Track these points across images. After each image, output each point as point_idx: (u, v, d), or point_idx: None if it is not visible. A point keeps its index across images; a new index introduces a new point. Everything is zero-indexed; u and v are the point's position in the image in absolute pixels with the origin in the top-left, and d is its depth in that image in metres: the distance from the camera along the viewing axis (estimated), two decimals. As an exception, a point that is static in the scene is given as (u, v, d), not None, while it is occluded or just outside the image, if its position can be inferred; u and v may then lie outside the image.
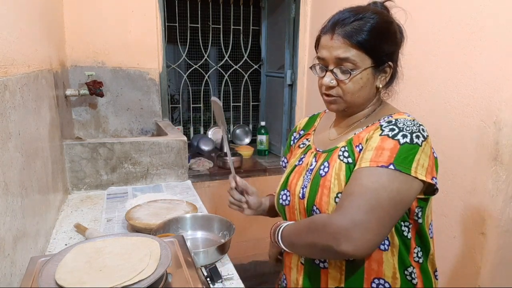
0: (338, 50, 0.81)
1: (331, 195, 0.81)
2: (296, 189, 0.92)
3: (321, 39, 0.87)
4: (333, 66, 0.83)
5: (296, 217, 0.93)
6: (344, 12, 0.85)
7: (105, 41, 2.05)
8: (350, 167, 0.81)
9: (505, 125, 1.20)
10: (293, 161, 1.00)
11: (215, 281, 0.93)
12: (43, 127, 1.18)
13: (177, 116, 2.94)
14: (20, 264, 0.83)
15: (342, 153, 0.85)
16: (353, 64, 0.81)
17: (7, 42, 0.87)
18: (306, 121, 1.10)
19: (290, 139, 1.12)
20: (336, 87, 0.85)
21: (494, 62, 1.22)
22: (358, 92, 0.84)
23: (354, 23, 0.81)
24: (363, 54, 0.81)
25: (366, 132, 0.85)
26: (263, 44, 2.90)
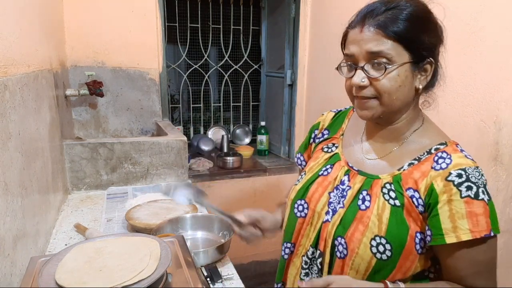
0: (370, 43, 0.71)
1: (368, 235, 0.74)
2: (318, 205, 0.83)
3: (348, 34, 0.76)
4: (364, 62, 0.73)
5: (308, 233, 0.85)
6: (374, 3, 0.75)
7: (105, 41, 2.05)
8: (397, 211, 0.73)
9: (505, 125, 1.20)
10: (314, 167, 0.90)
11: (215, 281, 0.93)
12: (43, 127, 1.18)
13: (177, 116, 2.94)
14: (20, 264, 0.83)
15: (388, 191, 0.75)
16: (387, 58, 0.70)
17: (7, 42, 0.87)
18: (331, 119, 0.98)
19: (310, 135, 1.00)
20: (368, 87, 0.73)
21: (494, 62, 1.22)
22: (395, 92, 0.72)
23: (387, 12, 0.71)
24: (400, 47, 0.71)
25: (419, 172, 0.74)
26: (263, 44, 2.90)
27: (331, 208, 0.81)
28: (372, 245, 0.73)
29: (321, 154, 0.91)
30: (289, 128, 2.66)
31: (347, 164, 0.85)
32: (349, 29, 0.77)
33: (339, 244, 0.77)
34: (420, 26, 0.72)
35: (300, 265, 0.87)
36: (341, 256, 0.77)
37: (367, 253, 0.74)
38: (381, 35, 0.71)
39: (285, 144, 2.71)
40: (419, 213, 0.73)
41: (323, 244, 0.81)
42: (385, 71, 0.71)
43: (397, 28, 0.70)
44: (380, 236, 0.73)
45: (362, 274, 0.76)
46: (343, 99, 1.80)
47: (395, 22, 0.70)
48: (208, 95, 2.94)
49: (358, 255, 0.75)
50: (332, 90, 2.18)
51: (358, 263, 0.75)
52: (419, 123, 0.81)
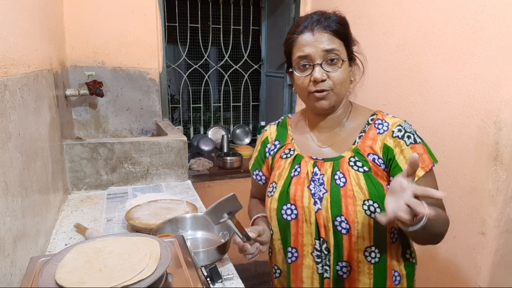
0: (323, 43, 0.86)
1: (357, 202, 0.85)
2: (304, 201, 0.91)
3: (298, 40, 0.90)
4: (321, 60, 0.87)
5: (306, 230, 0.91)
6: (312, 15, 0.90)
7: (105, 41, 2.05)
8: (368, 175, 0.87)
9: (505, 125, 1.20)
10: (283, 173, 0.97)
11: (215, 281, 0.93)
12: (43, 127, 1.18)
13: (177, 116, 2.94)
14: (20, 264, 0.83)
15: (354, 163, 0.89)
16: (337, 55, 0.87)
17: (7, 42, 0.87)
18: (275, 131, 1.07)
19: (264, 150, 1.07)
20: (326, 80, 0.88)
21: (494, 62, 1.22)
22: (344, 83, 0.90)
23: (327, 19, 0.88)
24: (342, 45, 0.88)
25: (370, 139, 0.90)
26: (263, 44, 2.90)
27: (316, 198, 0.90)
28: (365, 209, 0.85)
29: (282, 162, 1.00)
30: (289, 128, 2.66)
31: (311, 158, 0.95)
32: (296, 35, 0.90)
33: (340, 222, 0.87)
34: (348, 29, 0.92)
35: (313, 263, 0.92)
36: (345, 231, 0.87)
37: (365, 218, 0.85)
38: (331, 35, 0.87)
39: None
40: (383, 170, 0.89)
41: (324, 231, 0.89)
42: (339, 66, 0.87)
43: (340, 29, 0.88)
44: (367, 199, 0.85)
45: (367, 238, 0.87)
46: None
47: (336, 25, 0.88)
48: (208, 95, 2.94)
49: (359, 223, 0.86)
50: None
51: (361, 230, 0.86)
52: (349, 107, 0.98)
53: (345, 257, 0.89)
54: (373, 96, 1.84)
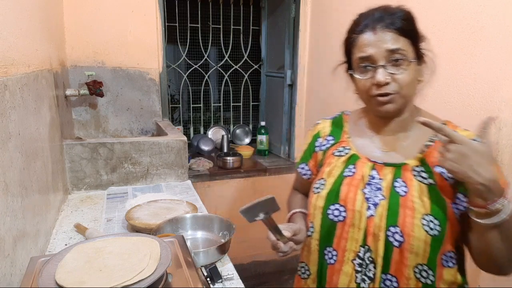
0: (387, 43, 0.79)
1: (417, 215, 0.79)
2: (356, 204, 0.85)
3: (358, 40, 0.82)
4: (384, 61, 0.79)
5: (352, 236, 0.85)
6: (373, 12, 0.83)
7: (105, 41, 2.05)
8: (433, 189, 0.80)
9: (505, 125, 1.20)
10: (334, 171, 0.92)
11: (215, 281, 0.92)
12: (43, 127, 1.18)
13: (177, 116, 2.94)
14: (20, 264, 0.83)
15: (418, 173, 0.82)
16: (403, 55, 0.79)
17: (7, 42, 0.87)
18: (330, 127, 1.01)
19: (313, 144, 1.02)
20: (390, 83, 0.80)
21: (494, 62, 1.23)
22: (411, 84, 0.81)
23: (390, 16, 0.80)
24: (409, 45, 0.80)
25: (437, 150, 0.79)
26: (263, 44, 2.90)
27: (371, 203, 0.84)
28: (423, 224, 0.78)
29: (335, 159, 0.93)
30: (289, 128, 2.66)
31: (369, 160, 0.89)
32: (356, 35, 0.83)
33: (393, 234, 0.80)
34: (415, 25, 0.83)
35: (352, 271, 0.86)
36: (398, 244, 0.80)
37: (421, 233, 0.78)
38: (394, 32, 0.79)
39: (285, 144, 2.71)
40: (449, 186, 0.80)
41: (372, 239, 0.82)
42: (404, 67, 0.79)
43: (406, 27, 0.79)
44: (427, 214, 0.78)
45: (421, 255, 0.79)
46: (343, 99, 1.80)
47: (402, 22, 0.79)
48: (208, 95, 2.94)
49: (415, 238, 0.78)
50: (332, 90, 2.18)
51: (416, 245, 0.78)
52: (417, 112, 0.89)
53: (392, 271, 0.82)
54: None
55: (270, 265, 2.69)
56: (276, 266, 2.71)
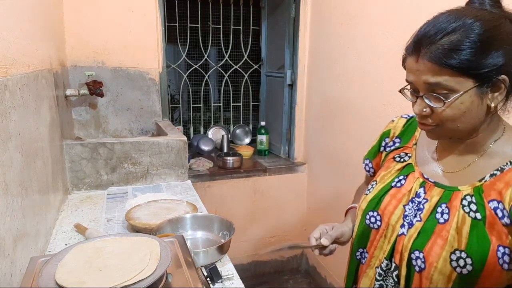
0: (426, 75, 0.68)
1: (447, 248, 0.71)
2: (392, 218, 0.81)
3: (407, 60, 0.73)
4: (424, 92, 0.70)
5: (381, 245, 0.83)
6: (434, 22, 0.69)
7: (105, 41, 2.05)
8: (478, 224, 0.69)
9: (505, 125, 1.20)
10: (386, 177, 0.88)
11: (215, 281, 0.93)
12: (43, 127, 1.18)
13: (177, 116, 2.94)
14: (20, 264, 0.83)
15: (468, 204, 0.72)
16: (447, 89, 0.67)
17: (7, 42, 0.87)
18: (402, 126, 0.94)
19: (380, 143, 0.98)
20: (431, 114, 0.71)
21: (494, 62, 1.22)
22: (459, 119, 0.69)
23: (444, 39, 0.66)
24: (460, 76, 0.65)
25: (503, 182, 0.70)
26: (263, 44, 2.90)
27: (407, 221, 0.79)
28: (452, 259, 0.70)
29: (393, 164, 0.89)
30: (289, 128, 2.66)
31: (422, 176, 0.82)
32: (407, 55, 0.73)
33: (416, 258, 0.75)
34: (485, 51, 0.65)
35: (374, 277, 0.85)
36: (419, 270, 0.75)
37: (446, 267, 0.71)
38: (436, 68, 0.66)
39: (285, 144, 2.71)
40: (504, 226, 0.68)
41: (399, 257, 0.79)
42: (445, 103, 0.68)
43: (455, 61, 0.64)
44: (460, 250, 0.69)
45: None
46: (343, 99, 1.81)
47: (453, 53, 0.64)
48: (208, 95, 2.94)
49: (437, 270, 0.72)
50: (332, 90, 2.18)
51: (437, 277, 0.72)
52: (500, 133, 0.75)
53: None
54: (372, 96, 1.84)
55: (270, 265, 2.69)
56: (276, 266, 2.71)
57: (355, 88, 1.97)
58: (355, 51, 1.94)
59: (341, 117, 2.13)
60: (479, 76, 0.65)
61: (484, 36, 0.64)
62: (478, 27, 0.65)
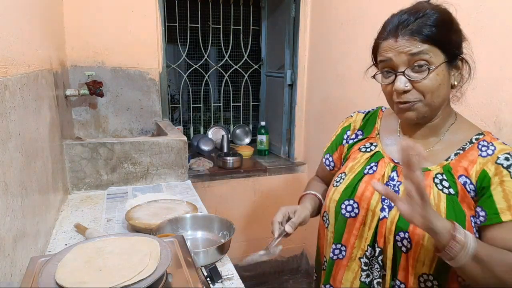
0: (410, 47, 0.75)
1: None
2: (371, 203, 0.85)
3: (381, 45, 0.80)
4: (405, 67, 0.77)
5: (362, 234, 0.86)
6: (401, 14, 0.79)
7: (105, 41, 2.05)
8: (452, 199, 0.77)
9: (505, 125, 1.20)
10: (356, 167, 0.92)
11: (215, 281, 0.93)
12: (43, 127, 1.18)
13: (177, 116, 2.94)
14: (20, 264, 0.83)
15: (440, 181, 0.79)
16: (426, 60, 0.75)
17: (7, 42, 0.87)
18: (361, 120, 1.01)
19: (342, 136, 1.03)
20: (411, 90, 0.77)
21: (494, 62, 1.22)
22: (437, 91, 0.77)
23: (417, 21, 0.76)
24: (435, 49, 0.75)
25: (467, 160, 0.78)
26: (263, 44, 2.90)
27: (386, 205, 0.82)
28: None
29: (360, 154, 0.93)
30: (289, 128, 2.66)
31: (392, 161, 0.87)
32: (381, 40, 0.80)
33: (402, 239, 0.79)
34: (449, 28, 0.77)
35: (358, 268, 0.87)
36: (406, 250, 0.79)
37: (431, 244, 0.75)
38: (417, 40, 0.75)
39: (285, 144, 2.71)
40: (471, 199, 0.77)
41: (383, 241, 0.82)
42: (428, 72, 0.75)
43: (430, 32, 0.74)
44: None
45: (428, 265, 0.78)
46: (343, 99, 1.82)
47: (427, 27, 0.75)
48: (208, 95, 2.94)
49: (424, 247, 0.76)
50: (332, 90, 2.18)
51: (424, 255, 0.77)
52: (453, 118, 0.86)
53: (399, 276, 0.81)
54: (372, 96, 1.84)
55: (270, 265, 2.69)
56: (276, 266, 2.71)
57: (355, 88, 1.96)
58: (355, 51, 1.94)
59: (341, 117, 2.12)
60: (449, 51, 0.77)
61: (446, 17, 0.78)
62: (439, 12, 0.77)
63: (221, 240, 1.13)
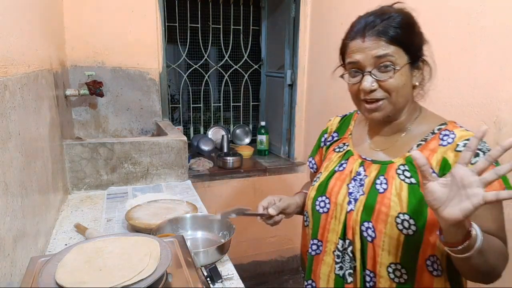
0: (375, 49, 0.79)
1: (392, 213, 0.80)
2: (339, 197, 0.89)
3: (349, 45, 0.84)
4: (371, 68, 0.80)
5: (333, 228, 0.89)
6: (367, 16, 0.82)
7: (105, 41, 2.05)
8: (414, 188, 0.80)
9: (505, 125, 1.20)
10: (329, 165, 0.97)
11: (215, 281, 0.93)
12: (43, 127, 1.18)
13: (177, 116, 2.94)
14: (20, 264, 0.83)
15: (402, 172, 0.82)
16: (392, 61, 0.79)
17: (7, 42, 0.87)
18: (338, 123, 1.07)
19: (320, 140, 1.09)
20: (377, 89, 0.81)
21: (494, 62, 1.22)
22: (401, 90, 0.81)
23: (383, 22, 0.79)
24: (400, 50, 0.79)
25: (428, 150, 0.81)
26: (263, 44, 2.90)
27: (352, 198, 0.87)
28: (397, 222, 0.79)
29: (334, 154, 0.99)
30: (289, 128, 2.66)
31: (360, 157, 0.92)
32: (348, 41, 0.84)
33: (367, 229, 0.83)
34: (411, 31, 0.82)
35: (332, 262, 0.90)
36: (371, 239, 0.82)
37: (394, 231, 0.79)
38: (383, 41, 0.79)
39: (285, 144, 2.71)
40: None
41: (351, 233, 0.85)
42: (393, 72, 0.79)
43: (396, 33, 0.79)
44: (403, 213, 0.78)
45: (394, 253, 0.80)
46: (343, 99, 1.81)
47: (392, 29, 0.79)
48: (208, 95, 2.94)
49: (387, 235, 0.80)
50: (332, 90, 2.18)
51: (388, 242, 0.80)
52: (418, 113, 0.90)
53: (369, 266, 0.84)
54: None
55: (270, 265, 2.69)
56: (276, 266, 2.71)
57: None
58: (355, 51, 1.93)
59: (341, 117, 2.13)
60: (412, 53, 0.81)
61: (410, 21, 0.82)
62: (403, 15, 0.81)
63: (221, 240, 1.13)
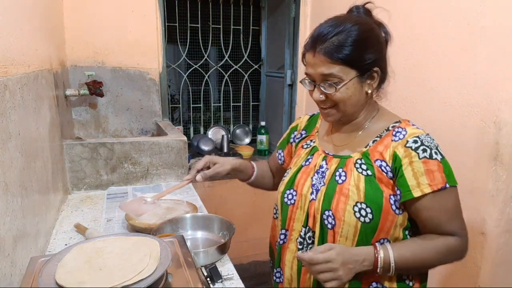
0: (321, 68, 0.85)
1: (350, 202, 0.87)
2: (304, 189, 0.96)
3: (306, 56, 0.90)
4: (319, 82, 0.88)
5: (298, 217, 0.96)
6: (324, 26, 0.87)
7: (105, 41, 2.05)
8: (370, 179, 0.88)
9: (505, 125, 1.20)
10: (298, 161, 1.04)
11: (215, 281, 0.93)
12: (43, 127, 1.18)
13: (177, 116, 2.94)
14: (20, 264, 0.83)
15: (360, 165, 0.90)
16: (337, 78, 0.85)
17: (7, 42, 0.87)
18: (307, 121, 1.13)
19: (290, 135, 1.15)
20: (326, 99, 0.90)
21: (494, 62, 1.22)
22: (348, 101, 0.89)
23: (333, 38, 0.84)
24: (346, 68, 0.85)
25: (382, 145, 0.90)
26: (263, 44, 2.90)
27: (315, 189, 0.94)
28: (355, 211, 0.86)
29: (302, 151, 1.06)
30: (289, 128, 2.66)
31: (324, 152, 1.00)
32: (306, 51, 0.90)
33: (327, 217, 0.90)
34: (363, 48, 0.85)
35: (296, 249, 0.97)
36: (331, 227, 0.89)
37: (352, 219, 0.86)
38: (329, 61, 0.84)
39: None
40: (389, 179, 0.87)
41: (312, 221, 0.93)
42: (336, 89, 0.86)
43: (342, 55, 0.83)
44: (361, 202, 0.86)
45: (351, 239, 0.88)
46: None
47: (340, 49, 0.83)
48: (208, 95, 2.94)
49: (345, 223, 0.87)
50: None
51: (346, 229, 0.87)
52: (375, 112, 0.97)
53: None
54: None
55: (270, 265, 2.68)
56: (276, 266, 2.70)
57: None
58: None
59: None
60: (360, 68, 0.86)
61: (362, 36, 0.85)
62: (357, 29, 0.84)
63: (221, 240, 1.13)
